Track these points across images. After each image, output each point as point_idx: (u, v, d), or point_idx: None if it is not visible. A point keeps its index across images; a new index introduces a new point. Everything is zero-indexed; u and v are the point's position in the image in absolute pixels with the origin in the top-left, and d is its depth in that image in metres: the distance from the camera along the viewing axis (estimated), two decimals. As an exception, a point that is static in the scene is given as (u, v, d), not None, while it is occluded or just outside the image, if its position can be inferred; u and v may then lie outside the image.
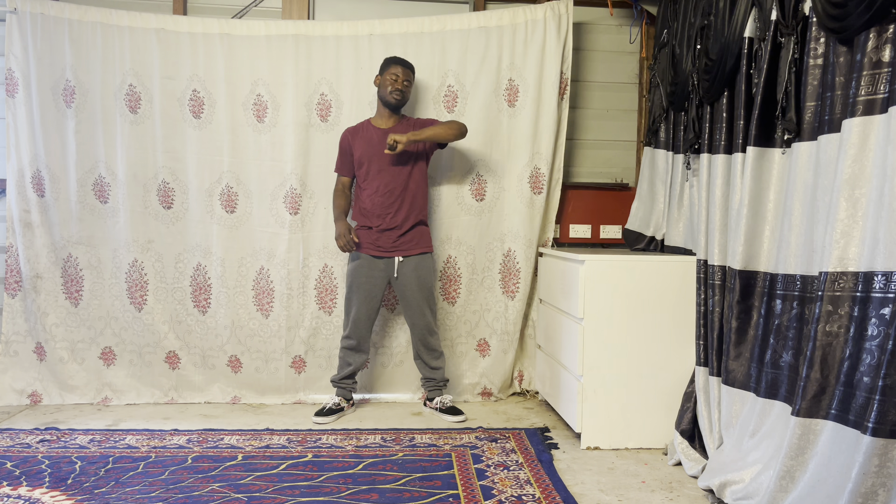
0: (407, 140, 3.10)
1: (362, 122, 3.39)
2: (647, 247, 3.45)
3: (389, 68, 3.27)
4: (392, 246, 3.27)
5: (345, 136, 3.35)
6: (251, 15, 3.67)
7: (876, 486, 1.75)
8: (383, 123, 3.33)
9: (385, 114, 3.33)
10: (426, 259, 3.33)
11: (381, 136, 3.28)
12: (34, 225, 3.46)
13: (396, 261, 3.28)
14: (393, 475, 2.53)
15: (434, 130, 3.20)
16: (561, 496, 2.33)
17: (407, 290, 3.30)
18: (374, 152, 3.25)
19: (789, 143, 2.30)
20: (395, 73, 3.25)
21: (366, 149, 3.27)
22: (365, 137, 3.30)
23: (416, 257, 3.30)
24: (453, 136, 3.25)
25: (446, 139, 3.26)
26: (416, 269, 3.30)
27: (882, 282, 1.85)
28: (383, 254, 3.28)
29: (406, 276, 3.29)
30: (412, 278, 3.29)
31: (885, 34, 1.89)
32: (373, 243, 3.27)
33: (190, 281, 3.55)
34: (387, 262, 3.29)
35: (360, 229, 3.30)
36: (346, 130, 3.36)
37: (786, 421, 2.15)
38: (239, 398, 3.56)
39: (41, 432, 2.99)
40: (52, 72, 3.44)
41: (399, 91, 3.25)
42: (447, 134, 3.23)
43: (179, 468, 2.58)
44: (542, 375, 3.48)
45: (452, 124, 3.25)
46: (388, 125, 3.32)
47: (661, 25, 3.40)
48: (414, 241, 3.30)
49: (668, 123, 3.32)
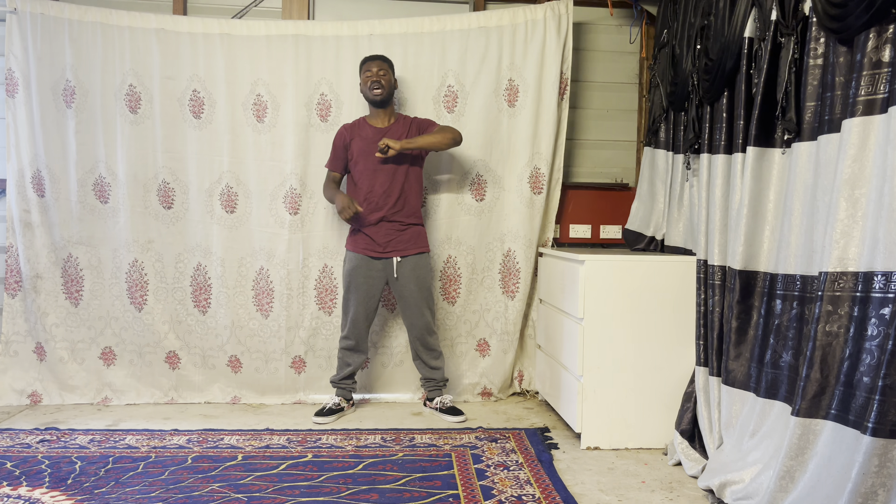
0: (400, 147, 3.10)
1: (359, 119, 3.38)
2: (647, 247, 3.45)
3: (362, 69, 3.27)
4: (389, 246, 3.27)
5: (341, 132, 3.33)
6: (251, 15, 3.67)
7: (876, 486, 1.75)
8: (379, 122, 3.31)
9: (377, 112, 3.31)
10: (424, 258, 3.33)
11: (376, 135, 3.27)
12: (34, 225, 3.46)
13: (395, 261, 3.27)
14: (393, 475, 2.53)
15: (427, 139, 3.18)
16: (561, 496, 2.34)
17: (406, 290, 3.30)
18: (369, 151, 3.24)
19: (789, 143, 2.30)
20: (368, 69, 3.24)
21: (362, 147, 3.27)
22: (361, 136, 3.29)
23: (413, 257, 3.30)
24: (447, 145, 3.23)
25: (439, 148, 3.23)
26: (414, 269, 3.29)
27: (882, 282, 1.85)
28: (381, 255, 3.27)
29: (405, 277, 3.28)
30: (411, 278, 3.29)
31: (885, 34, 1.89)
32: (369, 244, 3.27)
33: (190, 281, 3.55)
34: (385, 263, 3.29)
35: (356, 233, 3.29)
36: (343, 127, 3.35)
37: (786, 421, 2.15)
38: (239, 398, 3.57)
39: (41, 432, 2.99)
40: (52, 72, 3.44)
41: (376, 83, 3.21)
42: (440, 143, 3.21)
43: (179, 468, 2.58)
44: (542, 375, 3.48)
45: (446, 133, 3.22)
46: (384, 124, 3.31)
47: (661, 25, 3.40)
48: (411, 242, 3.30)
49: (668, 123, 3.32)
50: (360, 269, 3.28)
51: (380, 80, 3.22)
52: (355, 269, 3.28)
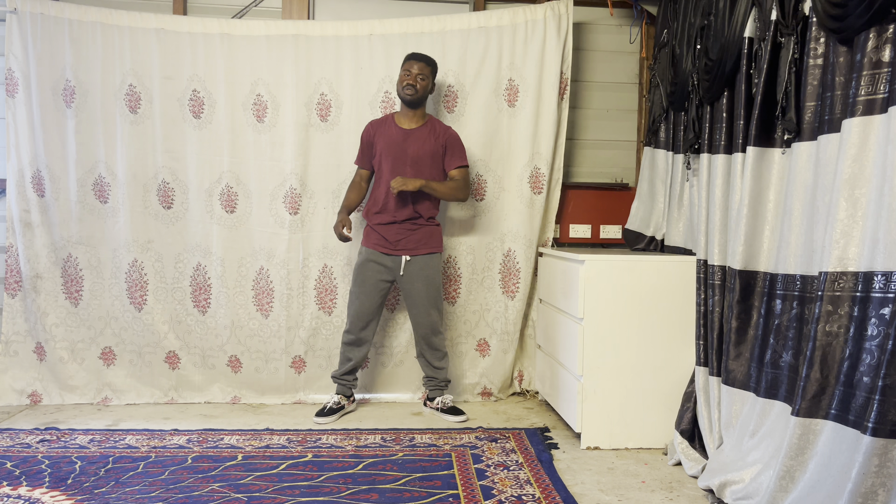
0: (413, 188, 3.14)
1: (387, 115, 3.38)
2: (647, 247, 3.45)
3: (404, 64, 3.24)
4: (400, 245, 3.27)
5: (367, 129, 3.33)
6: (251, 15, 3.67)
7: (876, 486, 1.75)
8: (406, 123, 3.29)
9: (407, 112, 3.29)
10: (434, 258, 3.32)
11: (400, 135, 3.26)
12: (34, 225, 3.46)
13: (403, 259, 3.27)
14: (393, 475, 2.53)
15: (438, 188, 3.22)
16: (561, 496, 2.34)
17: (413, 288, 3.29)
18: (391, 151, 3.24)
19: (789, 143, 2.30)
20: (408, 68, 3.22)
21: (385, 145, 3.26)
22: (386, 133, 3.28)
23: (423, 257, 3.29)
24: (451, 198, 3.30)
25: (444, 198, 3.30)
26: (423, 268, 3.29)
27: (882, 282, 1.85)
28: (391, 251, 3.27)
29: (412, 275, 3.28)
30: (419, 277, 3.28)
31: (885, 34, 1.89)
32: (380, 240, 3.27)
33: (190, 281, 3.55)
34: (394, 260, 3.28)
35: (370, 229, 3.30)
36: (370, 123, 3.34)
37: (786, 421, 2.15)
38: (239, 398, 3.57)
39: (41, 432, 2.99)
40: (52, 72, 3.44)
41: (410, 86, 3.19)
42: (446, 195, 3.27)
43: (179, 468, 2.58)
44: (542, 375, 3.48)
45: (458, 190, 3.27)
46: (411, 125, 3.28)
47: (661, 25, 3.40)
48: (423, 241, 3.29)
49: (668, 123, 3.32)
50: (369, 263, 3.29)
51: (416, 83, 3.20)
52: (364, 263, 3.29)
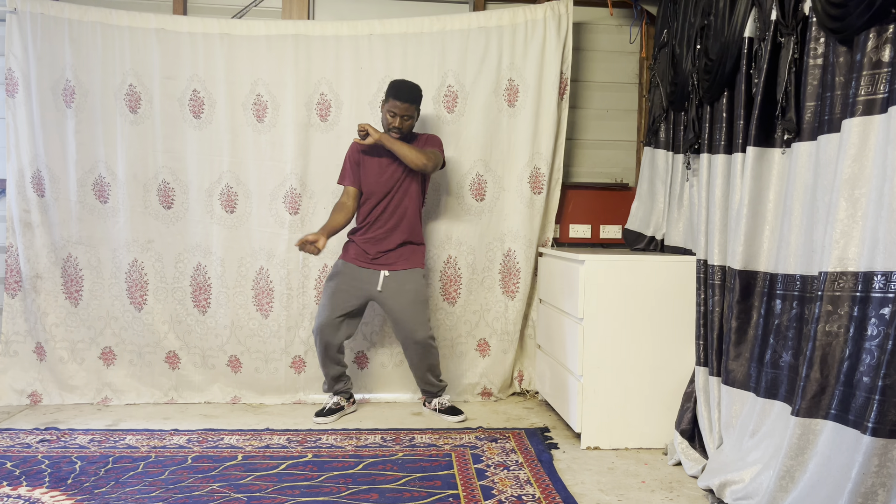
0: (377, 139, 3.04)
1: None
2: (647, 247, 3.45)
3: (388, 101, 3.12)
4: (380, 259, 3.20)
5: (354, 146, 3.26)
6: (251, 15, 3.67)
7: (876, 486, 1.75)
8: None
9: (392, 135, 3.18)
10: (414, 274, 3.24)
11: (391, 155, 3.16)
12: (34, 225, 3.46)
13: (382, 275, 3.19)
14: (393, 475, 2.53)
15: (402, 148, 3.08)
16: (561, 496, 2.34)
17: (396, 305, 3.19)
18: (373, 169, 3.20)
19: (789, 143, 2.30)
20: (393, 109, 3.11)
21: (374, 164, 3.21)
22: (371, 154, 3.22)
23: (403, 272, 3.21)
24: (412, 163, 3.09)
25: (405, 161, 3.09)
26: (403, 283, 3.20)
27: (882, 282, 1.85)
28: (369, 265, 3.20)
29: (392, 292, 3.18)
30: (401, 293, 3.18)
31: (885, 34, 1.89)
32: (360, 254, 3.22)
33: (190, 281, 3.55)
34: (370, 275, 3.19)
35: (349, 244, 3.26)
36: (355, 142, 3.18)
37: (786, 421, 2.15)
38: (239, 398, 3.57)
39: (41, 432, 2.99)
40: (52, 72, 3.44)
41: (397, 129, 3.12)
42: (408, 158, 3.08)
43: (179, 468, 2.58)
44: (542, 375, 3.48)
45: (420, 156, 3.09)
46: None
47: (661, 25, 3.40)
48: (404, 256, 3.23)
49: (668, 123, 3.32)
50: (342, 275, 3.21)
51: (401, 126, 3.13)
52: (337, 275, 3.22)
